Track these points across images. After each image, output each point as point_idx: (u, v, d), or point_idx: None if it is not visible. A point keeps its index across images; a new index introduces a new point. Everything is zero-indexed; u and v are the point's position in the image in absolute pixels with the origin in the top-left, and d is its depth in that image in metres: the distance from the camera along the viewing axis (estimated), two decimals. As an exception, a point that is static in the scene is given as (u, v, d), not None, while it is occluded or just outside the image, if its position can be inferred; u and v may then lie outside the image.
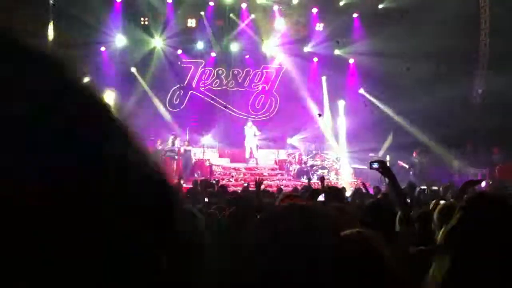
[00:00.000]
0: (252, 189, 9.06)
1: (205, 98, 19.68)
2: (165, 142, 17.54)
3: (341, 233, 1.46)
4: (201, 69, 19.68)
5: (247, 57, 19.77)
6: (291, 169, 18.49)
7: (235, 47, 19.66)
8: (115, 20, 18.14)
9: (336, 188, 6.48)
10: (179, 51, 19.26)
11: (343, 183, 15.01)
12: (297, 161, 18.72)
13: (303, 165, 18.36)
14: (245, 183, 13.81)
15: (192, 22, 19.00)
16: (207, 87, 19.79)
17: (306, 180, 15.08)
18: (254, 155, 18.64)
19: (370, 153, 17.00)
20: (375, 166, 3.73)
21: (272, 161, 19.35)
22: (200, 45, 19.34)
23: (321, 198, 4.97)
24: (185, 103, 19.37)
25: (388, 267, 1.53)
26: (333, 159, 18.89)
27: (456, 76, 17.00)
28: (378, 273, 1.59)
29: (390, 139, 18.45)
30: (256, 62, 19.95)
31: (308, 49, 19.89)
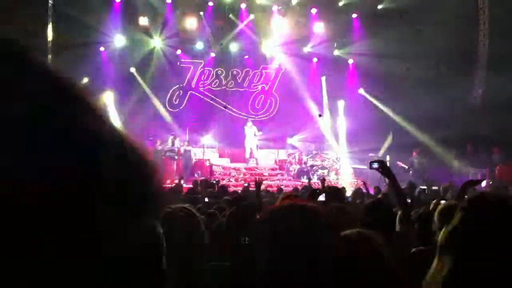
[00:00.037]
0: (252, 189, 9.06)
1: (205, 98, 19.68)
2: (165, 142, 17.54)
3: (341, 233, 1.46)
4: (200, 69, 19.68)
5: (246, 57, 19.76)
6: (291, 169, 18.49)
7: (234, 47, 19.66)
8: (114, 20, 18.12)
9: (336, 188, 6.47)
10: (179, 51, 19.26)
11: (343, 183, 15.00)
12: (297, 161, 18.71)
13: (303, 165, 18.36)
14: (245, 183, 13.80)
15: (191, 22, 18.98)
16: (206, 87, 19.80)
17: (306, 180, 15.08)
18: (254, 155, 18.63)
19: (370, 153, 17.00)
20: (375, 166, 3.73)
21: (272, 161, 19.35)
22: (199, 45, 19.34)
23: (322, 198, 4.97)
24: (184, 103, 19.37)
25: (388, 267, 1.53)
26: (333, 159, 18.88)
27: (455, 76, 16.98)
28: (378, 273, 1.59)
29: (390, 139, 18.44)
30: (255, 62, 19.95)
31: (307, 49, 19.89)
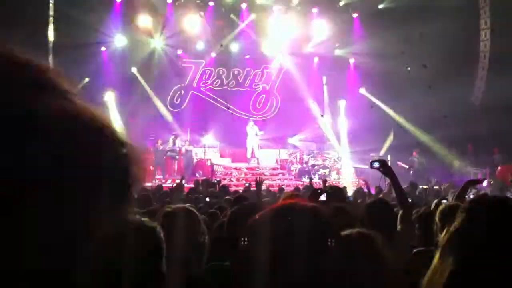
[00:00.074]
0: (253, 189, 9.06)
1: (206, 98, 19.68)
2: (166, 142, 17.54)
3: (341, 233, 1.46)
4: (201, 69, 19.69)
5: (247, 57, 19.75)
6: (293, 168, 18.49)
7: (235, 47, 19.65)
8: (115, 20, 18.13)
9: (337, 187, 6.48)
10: (180, 51, 19.26)
11: (344, 183, 15.00)
12: (298, 160, 18.71)
13: (305, 165, 18.36)
14: (247, 183, 13.80)
15: (192, 22, 18.96)
16: (207, 87, 19.80)
17: (307, 179, 15.08)
18: (255, 155, 18.64)
19: (371, 153, 16.99)
20: (376, 165, 3.73)
21: (273, 160, 19.34)
22: (200, 45, 19.32)
23: (323, 197, 4.97)
24: (186, 103, 19.37)
25: (388, 267, 1.53)
26: (334, 159, 18.87)
27: (456, 76, 16.95)
28: (378, 273, 1.60)
29: (391, 139, 18.43)
30: (256, 62, 19.94)
31: (308, 49, 19.88)
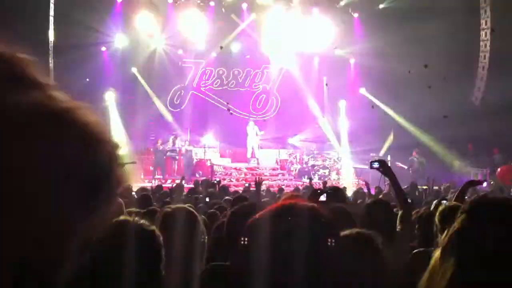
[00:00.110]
0: (253, 189, 9.07)
1: (206, 98, 19.68)
2: (166, 142, 17.54)
3: (341, 233, 1.46)
4: (202, 69, 19.69)
5: (248, 57, 19.75)
6: (292, 169, 18.49)
7: (235, 47, 19.64)
8: (116, 20, 18.12)
9: (337, 188, 6.48)
10: (180, 51, 19.25)
11: (344, 183, 15.01)
12: (298, 161, 18.71)
13: (304, 165, 18.36)
14: (246, 183, 13.80)
15: (192, 22, 18.94)
16: (207, 87, 19.80)
17: (307, 180, 15.09)
18: (255, 155, 18.64)
19: (371, 153, 16.98)
20: (376, 165, 3.74)
21: (273, 161, 19.34)
22: (200, 45, 19.30)
23: (323, 198, 4.97)
24: (186, 103, 19.36)
25: (387, 267, 1.54)
26: (334, 159, 18.87)
27: (456, 76, 16.95)
28: (377, 273, 1.60)
29: (391, 139, 18.42)
30: (256, 62, 19.94)
31: (308, 49, 19.85)
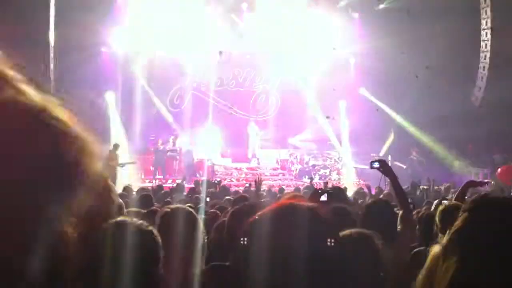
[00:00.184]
0: (253, 189, 9.08)
1: (206, 98, 19.66)
2: (166, 142, 17.53)
3: (341, 233, 1.46)
4: (201, 69, 19.65)
5: (247, 57, 19.73)
6: (293, 169, 18.48)
7: (235, 47, 19.62)
8: (116, 20, 18.11)
9: (337, 187, 6.49)
10: (180, 51, 19.23)
11: (345, 183, 15.00)
12: (298, 161, 18.70)
13: (305, 165, 18.35)
14: (247, 183, 13.81)
15: (192, 22, 18.93)
16: (207, 87, 19.77)
17: (308, 180, 15.10)
18: (256, 155, 18.63)
19: (371, 153, 16.97)
20: (376, 165, 3.73)
21: (274, 161, 19.33)
22: (201, 45, 19.28)
23: (323, 198, 4.97)
24: (186, 103, 19.34)
25: (387, 267, 1.54)
26: (335, 159, 18.86)
27: (457, 76, 16.95)
28: (377, 273, 1.60)
29: (391, 139, 18.42)
30: (256, 62, 19.91)
31: (309, 48, 19.83)
